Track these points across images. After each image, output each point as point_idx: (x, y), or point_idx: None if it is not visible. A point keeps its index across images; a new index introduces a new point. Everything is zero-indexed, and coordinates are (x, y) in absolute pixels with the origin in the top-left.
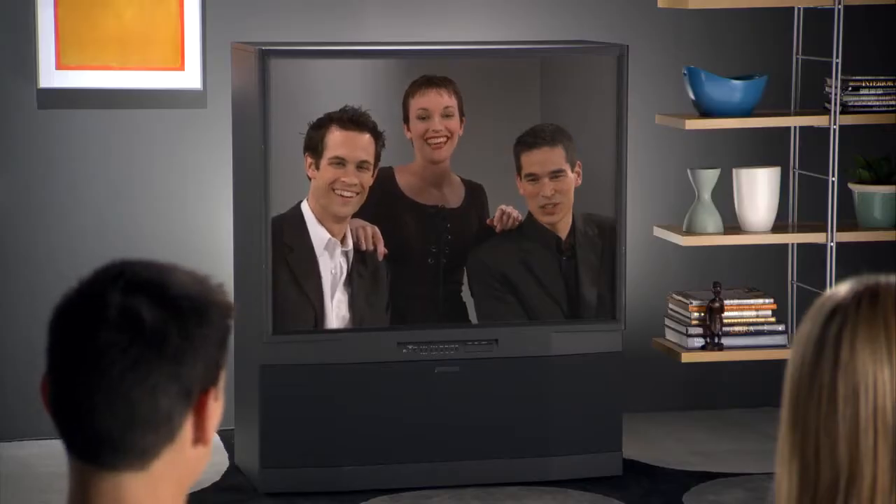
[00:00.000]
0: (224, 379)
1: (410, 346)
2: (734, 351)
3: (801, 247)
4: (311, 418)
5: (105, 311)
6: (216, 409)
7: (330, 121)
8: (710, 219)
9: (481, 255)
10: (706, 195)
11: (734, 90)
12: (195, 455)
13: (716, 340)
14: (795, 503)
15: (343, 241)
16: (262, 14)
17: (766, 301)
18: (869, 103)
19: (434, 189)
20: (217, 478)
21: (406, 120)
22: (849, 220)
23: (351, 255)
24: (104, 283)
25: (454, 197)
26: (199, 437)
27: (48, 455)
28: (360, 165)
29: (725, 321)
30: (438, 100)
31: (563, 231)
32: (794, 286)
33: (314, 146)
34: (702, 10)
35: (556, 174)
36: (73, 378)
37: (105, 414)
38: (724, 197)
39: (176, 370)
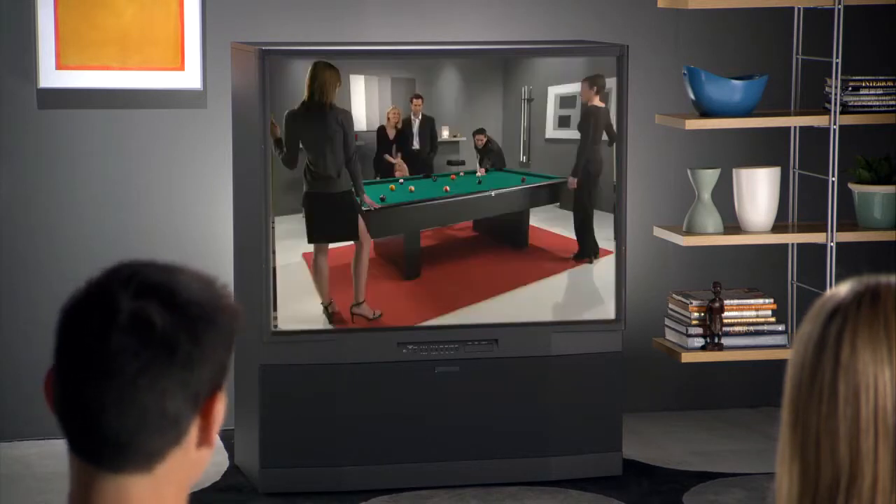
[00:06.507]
0: (228, 381)
1: (410, 346)
2: (734, 351)
3: (801, 247)
4: (311, 418)
5: (117, 315)
6: (221, 410)
7: None
8: (710, 219)
9: None
10: (706, 195)
11: (734, 90)
12: (199, 457)
13: (716, 340)
14: (796, 503)
15: None
16: (262, 14)
17: (766, 301)
18: (869, 103)
19: None
20: (217, 478)
21: None
22: (849, 220)
23: None
24: (115, 287)
25: None
26: (204, 440)
27: (48, 455)
28: None
29: (725, 321)
30: None
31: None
32: (794, 286)
33: None
34: (702, 10)
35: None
36: (82, 380)
37: (114, 417)
38: (724, 197)
39: (185, 375)
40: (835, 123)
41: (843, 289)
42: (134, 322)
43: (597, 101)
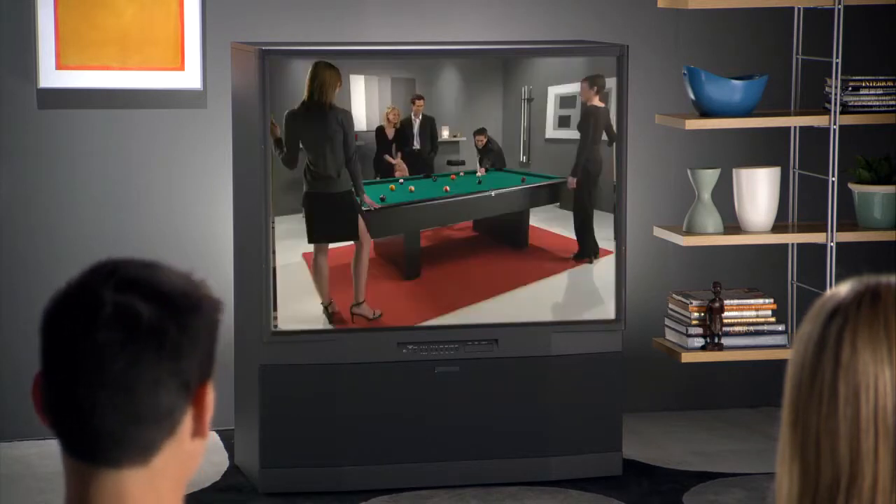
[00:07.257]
0: (216, 371)
1: (410, 346)
2: (734, 351)
3: (801, 247)
4: (311, 418)
5: (101, 309)
6: (212, 400)
7: None
8: (710, 219)
9: None
10: (706, 195)
11: (734, 90)
12: (193, 448)
13: (716, 340)
14: (796, 503)
15: None
16: (261, 14)
17: (766, 301)
18: (869, 103)
19: None
20: (217, 478)
21: None
22: (849, 220)
23: None
24: (96, 283)
25: None
26: (198, 430)
27: (48, 455)
28: None
29: (725, 321)
30: None
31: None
32: (794, 286)
33: None
34: (702, 10)
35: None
36: (73, 377)
37: (108, 411)
38: (724, 197)
39: (175, 365)
40: (835, 123)
41: (843, 289)
42: (119, 315)
43: (597, 101)
